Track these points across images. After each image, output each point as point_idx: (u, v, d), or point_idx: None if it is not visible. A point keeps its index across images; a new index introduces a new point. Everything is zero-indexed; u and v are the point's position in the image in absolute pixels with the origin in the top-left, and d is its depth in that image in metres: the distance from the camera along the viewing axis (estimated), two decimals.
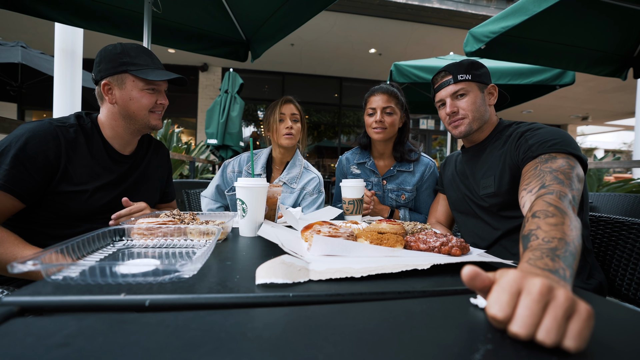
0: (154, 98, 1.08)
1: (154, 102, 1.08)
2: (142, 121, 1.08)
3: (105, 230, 0.67)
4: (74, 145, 0.98)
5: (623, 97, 9.06)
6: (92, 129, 1.05)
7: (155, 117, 1.10)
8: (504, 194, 1.01)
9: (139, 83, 1.04)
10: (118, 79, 1.03)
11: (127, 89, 1.03)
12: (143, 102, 1.05)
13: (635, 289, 0.96)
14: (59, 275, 0.48)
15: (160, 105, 1.10)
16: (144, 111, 1.06)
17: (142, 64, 1.04)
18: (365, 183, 1.46)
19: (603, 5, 2.00)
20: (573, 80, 3.06)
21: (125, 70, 1.02)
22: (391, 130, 1.47)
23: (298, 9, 1.93)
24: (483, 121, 1.12)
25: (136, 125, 1.08)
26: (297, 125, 1.52)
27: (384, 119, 1.44)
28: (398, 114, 1.47)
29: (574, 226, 0.58)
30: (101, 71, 1.02)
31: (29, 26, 5.78)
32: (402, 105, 1.49)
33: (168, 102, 1.13)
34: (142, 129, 1.11)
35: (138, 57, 1.04)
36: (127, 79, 1.03)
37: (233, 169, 1.58)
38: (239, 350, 0.31)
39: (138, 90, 1.04)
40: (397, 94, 1.47)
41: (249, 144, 3.65)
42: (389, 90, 1.46)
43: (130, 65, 1.02)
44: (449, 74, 1.13)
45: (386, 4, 5.23)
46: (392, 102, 1.45)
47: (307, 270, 0.55)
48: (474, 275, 0.37)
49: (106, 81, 1.02)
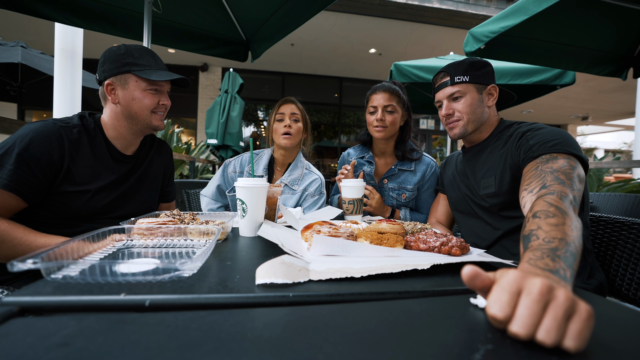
0: (156, 99, 1.08)
1: (157, 102, 1.08)
2: (144, 121, 1.08)
3: (105, 230, 0.67)
4: (77, 145, 0.99)
5: (623, 97, 9.06)
6: (95, 129, 1.05)
7: (157, 117, 1.10)
8: (504, 194, 1.01)
9: (142, 83, 1.05)
10: (121, 79, 1.03)
11: (129, 89, 1.04)
12: (145, 103, 1.06)
13: (636, 289, 0.96)
14: (58, 274, 0.48)
15: (162, 106, 1.11)
16: (146, 111, 1.07)
17: (145, 64, 1.05)
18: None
19: (603, 5, 2.00)
20: (573, 80, 3.05)
21: (129, 71, 1.02)
22: (392, 129, 1.47)
23: (298, 9, 1.93)
24: (479, 123, 1.12)
25: (138, 125, 1.09)
26: (296, 125, 1.49)
27: (385, 117, 1.44)
28: (399, 112, 1.47)
29: (575, 227, 0.58)
30: (105, 71, 1.03)
31: (29, 26, 5.78)
32: (403, 103, 1.49)
33: (170, 103, 1.14)
34: (144, 130, 1.11)
35: (141, 57, 1.05)
36: (130, 79, 1.04)
37: (234, 168, 1.56)
38: (239, 350, 0.31)
39: (141, 90, 1.05)
40: (399, 92, 1.47)
41: (249, 144, 3.65)
42: (391, 89, 1.46)
43: (133, 65, 1.03)
44: (447, 75, 1.13)
45: (386, 4, 5.23)
46: (394, 101, 1.45)
47: (307, 270, 0.55)
48: (474, 275, 0.37)
49: (109, 81, 1.03)
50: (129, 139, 1.12)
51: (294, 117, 1.50)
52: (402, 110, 1.48)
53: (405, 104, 1.50)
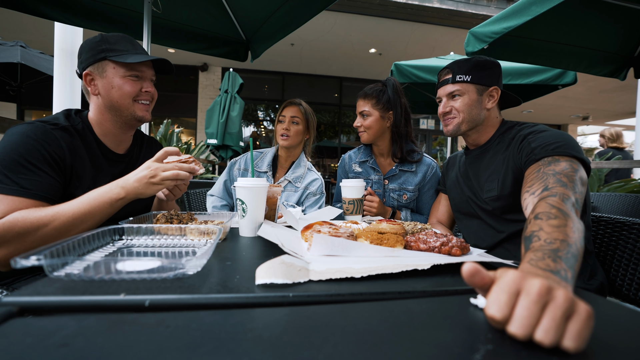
0: (138, 85, 1.01)
1: (138, 89, 1.01)
2: (127, 111, 1.01)
3: (105, 229, 0.67)
4: (72, 148, 0.95)
5: (623, 97, 9.05)
6: (84, 129, 1.00)
7: (141, 107, 1.04)
8: (507, 197, 1.01)
9: (120, 69, 0.98)
10: (98, 67, 0.98)
11: (108, 77, 0.98)
12: (125, 90, 0.99)
13: (636, 289, 0.96)
14: (61, 272, 0.47)
15: (146, 93, 1.04)
16: (127, 99, 1.00)
17: (122, 49, 0.99)
18: (366, 182, 1.46)
19: (603, 5, 2.00)
20: (575, 80, 3.05)
21: (104, 57, 0.97)
22: (371, 132, 1.47)
23: (298, 8, 1.93)
24: (475, 123, 1.12)
25: (122, 117, 1.02)
26: (295, 128, 1.58)
27: (362, 122, 1.48)
28: (375, 115, 1.46)
29: (577, 228, 0.58)
30: (82, 62, 0.98)
31: (28, 26, 5.78)
32: (383, 104, 1.46)
33: (155, 91, 1.07)
34: (128, 122, 1.04)
35: (117, 43, 0.99)
36: (107, 66, 0.98)
37: (239, 166, 1.65)
38: (239, 350, 0.31)
39: (120, 77, 0.99)
40: (372, 94, 1.46)
41: (248, 143, 3.65)
42: (363, 93, 1.49)
43: (109, 51, 0.97)
44: (450, 72, 1.13)
45: (386, 3, 5.23)
46: (367, 105, 1.47)
47: (307, 270, 0.55)
48: (474, 272, 0.37)
49: (88, 71, 0.98)
50: (118, 134, 1.06)
51: (294, 120, 1.59)
52: (379, 112, 1.46)
53: (389, 104, 1.46)
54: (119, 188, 0.85)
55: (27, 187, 0.82)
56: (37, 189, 0.83)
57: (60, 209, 0.81)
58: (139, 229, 0.72)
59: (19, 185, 0.81)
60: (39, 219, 0.78)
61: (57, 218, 0.80)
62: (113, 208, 0.86)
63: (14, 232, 0.76)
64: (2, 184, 0.80)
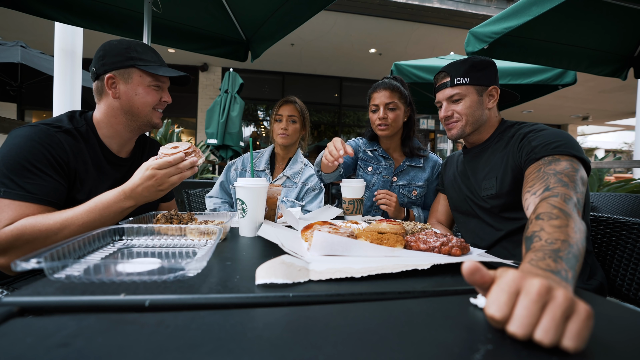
0: (158, 95, 1.06)
1: (159, 99, 1.07)
2: (144, 118, 1.06)
3: (105, 230, 0.67)
4: (76, 151, 0.95)
5: (623, 97, 9.05)
6: (88, 131, 1.01)
7: (157, 115, 1.09)
8: (505, 195, 1.01)
9: (147, 79, 1.03)
10: (124, 73, 1.00)
11: (133, 84, 1.01)
12: (148, 99, 1.04)
13: (636, 289, 0.96)
14: (62, 274, 0.47)
15: (164, 102, 1.09)
16: (148, 107, 1.05)
17: (150, 60, 1.03)
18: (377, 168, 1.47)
19: (604, 5, 1.99)
20: (575, 80, 3.04)
21: (133, 65, 1.00)
22: (395, 126, 1.46)
23: (298, 8, 1.93)
24: (478, 124, 1.12)
25: (138, 122, 1.06)
26: (293, 126, 1.61)
27: (387, 115, 1.44)
28: (402, 109, 1.46)
29: (578, 229, 0.57)
30: (105, 65, 0.99)
31: (28, 26, 5.78)
32: (405, 99, 1.48)
33: (171, 100, 1.12)
34: (143, 127, 1.08)
35: (145, 53, 1.03)
36: (134, 73, 1.01)
37: (237, 167, 1.67)
38: (239, 350, 0.31)
39: (145, 86, 1.03)
40: (400, 88, 1.46)
41: (248, 143, 3.65)
42: (392, 85, 1.45)
43: (138, 60, 1.01)
44: (447, 76, 1.13)
45: (386, 3, 5.23)
46: (395, 97, 1.45)
47: (307, 270, 0.55)
48: (475, 270, 0.37)
49: (111, 74, 0.99)
50: (125, 137, 1.08)
51: (292, 119, 1.61)
52: (404, 107, 1.48)
53: (408, 100, 1.49)
54: (129, 200, 0.87)
55: (33, 191, 0.82)
56: (42, 193, 0.83)
57: (69, 217, 0.81)
58: (139, 229, 0.72)
59: (25, 190, 0.81)
60: (48, 227, 0.79)
61: (67, 227, 0.80)
62: (123, 215, 0.89)
63: (22, 239, 0.77)
64: (8, 188, 0.80)
